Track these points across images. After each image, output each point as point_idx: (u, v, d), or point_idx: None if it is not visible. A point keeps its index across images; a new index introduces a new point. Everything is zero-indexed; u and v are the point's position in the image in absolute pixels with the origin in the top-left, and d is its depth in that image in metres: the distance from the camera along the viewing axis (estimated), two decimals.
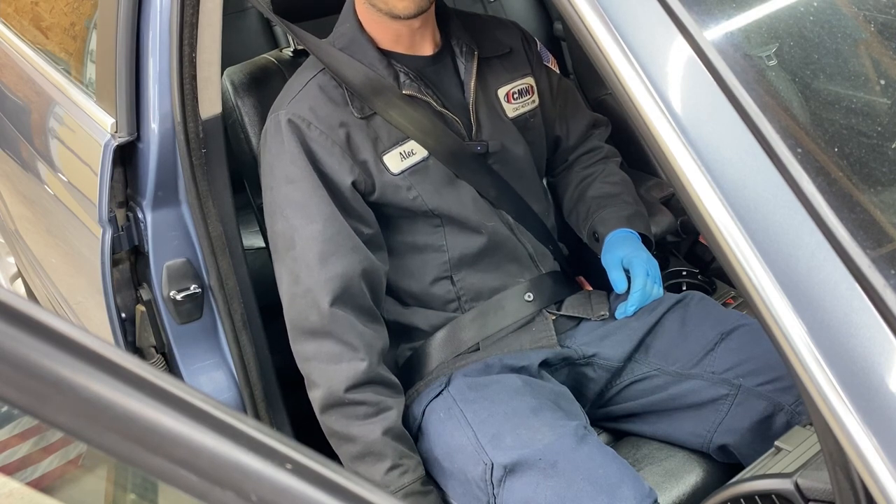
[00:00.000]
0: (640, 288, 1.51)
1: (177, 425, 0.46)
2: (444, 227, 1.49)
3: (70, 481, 1.17)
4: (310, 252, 1.38)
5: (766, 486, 0.92)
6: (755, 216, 0.75)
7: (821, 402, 0.70)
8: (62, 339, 0.45)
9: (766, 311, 0.73)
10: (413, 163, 1.45)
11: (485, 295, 1.53)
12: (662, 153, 0.79)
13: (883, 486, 0.66)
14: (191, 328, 1.61)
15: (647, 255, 1.56)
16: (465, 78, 1.52)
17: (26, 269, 2.47)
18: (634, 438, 1.55)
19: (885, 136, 0.90)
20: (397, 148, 1.44)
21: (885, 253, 0.74)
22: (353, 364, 1.36)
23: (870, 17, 1.04)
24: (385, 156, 1.43)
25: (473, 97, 1.51)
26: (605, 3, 0.82)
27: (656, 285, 1.55)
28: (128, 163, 1.55)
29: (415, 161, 1.45)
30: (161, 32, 1.44)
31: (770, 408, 1.39)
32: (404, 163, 1.44)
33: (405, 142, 1.44)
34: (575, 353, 1.53)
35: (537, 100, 1.62)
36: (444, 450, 1.41)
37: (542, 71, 1.66)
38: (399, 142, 1.44)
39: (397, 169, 1.44)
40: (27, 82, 1.97)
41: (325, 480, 0.48)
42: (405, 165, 1.45)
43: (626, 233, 1.58)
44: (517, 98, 1.58)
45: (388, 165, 1.43)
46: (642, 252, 1.55)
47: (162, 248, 1.56)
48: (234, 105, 1.63)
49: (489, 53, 1.56)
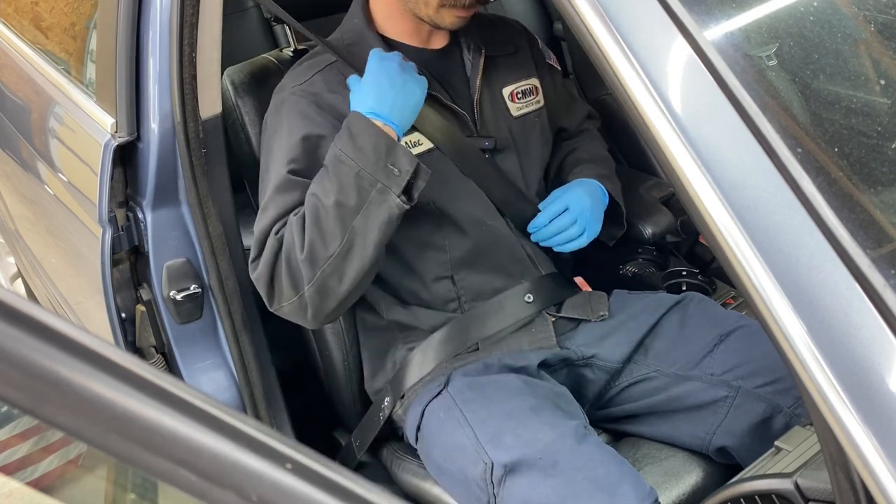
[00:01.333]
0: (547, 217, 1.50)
1: (177, 425, 0.46)
2: (446, 226, 1.49)
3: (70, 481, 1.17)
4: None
5: (766, 486, 0.92)
6: (755, 216, 0.75)
7: (821, 402, 0.70)
8: (62, 339, 0.45)
9: (766, 312, 0.73)
10: (418, 153, 1.45)
11: (485, 295, 1.53)
12: (662, 153, 0.79)
13: (883, 486, 0.66)
14: (191, 328, 1.61)
15: (591, 205, 1.53)
16: (471, 74, 1.53)
17: (26, 269, 2.47)
18: (634, 438, 1.55)
19: (885, 136, 0.90)
20: (404, 138, 1.44)
21: (885, 253, 0.74)
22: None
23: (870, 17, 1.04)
24: None
25: (479, 94, 1.52)
26: (605, 3, 0.82)
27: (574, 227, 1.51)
28: (128, 163, 1.55)
29: (419, 152, 1.45)
30: (161, 32, 1.44)
31: (769, 410, 1.39)
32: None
33: (412, 132, 1.45)
34: (574, 354, 1.53)
35: (542, 100, 1.63)
36: (443, 450, 1.41)
37: (545, 70, 1.67)
38: (406, 132, 1.44)
39: None
40: (27, 82, 1.97)
41: (325, 480, 0.48)
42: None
43: (592, 183, 1.58)
44: (521, 98, 1.59)
45: None
46: (587, 199, 1.53)
47: (162, 248, 1.56)
48: (234, 105, 1.63)
49: (495, 52, 1.57)
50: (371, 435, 1.56)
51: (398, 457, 1.58)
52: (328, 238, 1.30)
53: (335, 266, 1.31)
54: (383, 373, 1.57)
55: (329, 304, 1.36)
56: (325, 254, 1.31)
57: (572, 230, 1.51)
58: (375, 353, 1.58)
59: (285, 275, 1.35)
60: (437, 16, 1.42)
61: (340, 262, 1.31)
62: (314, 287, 1.33)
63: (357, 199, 1.29)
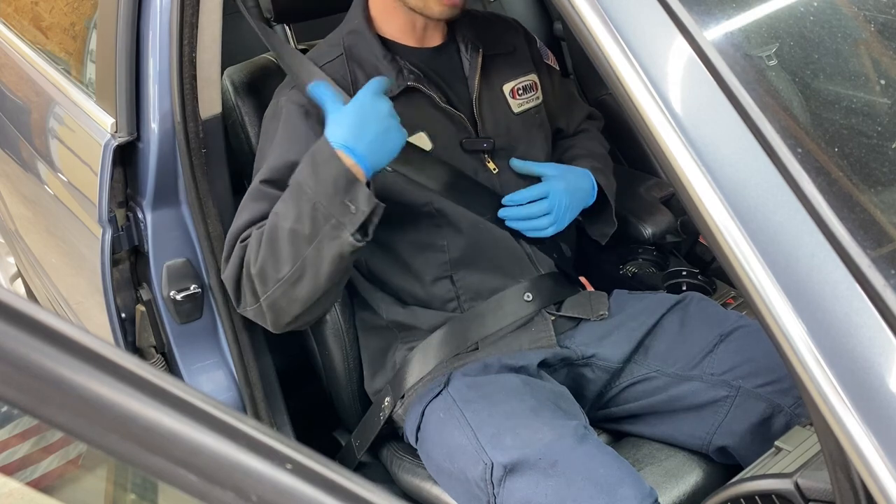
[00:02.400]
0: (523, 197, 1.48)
1: (177, 425, 0.46)
2: (444, 227, 1.49)
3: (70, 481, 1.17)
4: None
5: (766, 486, 0.92)
6: (755, 216, 0.75)
7: (821, 402, 0.70)
8: (62, 339, 0.45)
9: (766, 312, 0.73)
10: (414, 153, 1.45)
11: (484, 294, 1.53)
12: (662, 153, 0.79)
13: (883, 486, 0.66)
14: (191, 328, 1.61)
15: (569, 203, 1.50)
16: (469, 73, 1.53)
17: (26, 269, 2.47)
18: (634, 439, 1.55)
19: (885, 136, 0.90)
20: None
21: (885, 253, 0.74)
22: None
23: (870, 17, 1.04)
24: None
25: (478, 92, 1.52)
26: (605, 3, 0.82)
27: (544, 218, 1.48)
28: (128, 163, 1.55)
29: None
30: (161, 32, 1.44)
31: (769, 410, 1.39)
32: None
33: (409, 133, 1.44)
34: (574, 353, 1.53)
35: (541, 96, 1.64)
36: (443, 450, 1.41)
37: (543, 69, 1.67)
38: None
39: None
40: (27, 82, 1.97)
41: (325, 480, 0.48)
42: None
43: (583, 173, 1.57)
44: (522, 94, 1.59)
45: None
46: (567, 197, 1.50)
47: (162, 248, 1.56)
48: (234, 105, 1.63)
49: (493, 51, 1.57)
50: (371, 435, 1.56)
51: (398, 457, 1.58)
52: (280, 262, 1.30)
53: (284, 290, 1.32)
54: (383, 373, 1.57)
55: (284, 320, 1.37)
56: (276, 276, 1.31)
57: (542, 220, 1.49)
58: (375, 353, 1.58)
59: (246, 282, 1.36)
60: (425, 6, 1.42)
61: (289, 287, 1.31)
62: (267, 302, 1.35)
63: (311, 230, 1.27)
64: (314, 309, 1.37)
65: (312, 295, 1.32)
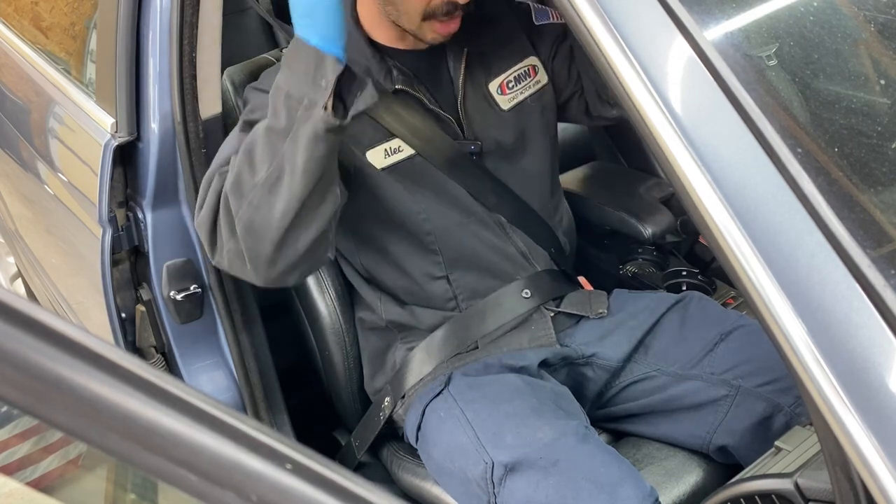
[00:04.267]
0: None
1: (177, 425, 0.46)
2: (434, 231, 1.48)
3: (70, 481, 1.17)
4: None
5: (766, 486, 0.92)
6: (755, 216, 0.75)
7: (821, 402, 0.70)
8: (62, 339, 0.45)
9: (766, 312, 0.73)
10: (398, 160, 1.44)
11: (481, 293, 1.53)
12: (662, 153, 0.79)
13: (883, 486, 0.66)
14: (191, 328, 1.61)
15: None
16: (453, 75, 1.51)
17: (26, 269, 2.47)
18: (634, 438, 1.55)
19: (885, 136, 0.90)
20: (382, 144, 1.43)
21: (885, 253, 0.74)
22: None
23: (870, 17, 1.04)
24: (369, 151, 1.43)
25: (462, 94, 1.49)
26: (605, 3, 0.82)
27: None
28: (128, 163, 1.55)
29: (400, 158, 1.44)
30: (161, 32, 1.44)
31: (769, 409, 1.39)
32: (388, 160, 1.43)
33: (391, 139, 1.43)
34: (574, 352, 1.53)
35: (542, 79, 1.57)
36: (444, 449, 1.41)
37: (542, 38, 1.59)
38: (385, 138, 1.43)
39: (381, 164, 1.43)
40: (27, 82, 1.97)
41: (325, 480, 0.48)
42: (389, 162, 1.43)
43: None
44: (514, 86, 1.54)
45: (372, 161, 1.43)
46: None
47: (162, 248, 1.56)
48: (234, 105, 1.63)
49: (480, 48, 1.52)
50: (371, 435, 1.56)
51: (398, 457, 1.58)
52: (257, 164, 1.22)
53: (260, 199, 1.21)
54: (383, 373, 1.57)
55: (264, 249, 1.24)
56: (252, 181, 1.22)
57: None
58: (375, 353, 1.58)
59: (223, 214, 1.27)
60: (419, 30, 1.40)
61: (266, 194, 1.22)
62: (242, 224, 1.24)
63: (287, 121, 1.20)
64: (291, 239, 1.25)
65: (290, 204, 1.21)
